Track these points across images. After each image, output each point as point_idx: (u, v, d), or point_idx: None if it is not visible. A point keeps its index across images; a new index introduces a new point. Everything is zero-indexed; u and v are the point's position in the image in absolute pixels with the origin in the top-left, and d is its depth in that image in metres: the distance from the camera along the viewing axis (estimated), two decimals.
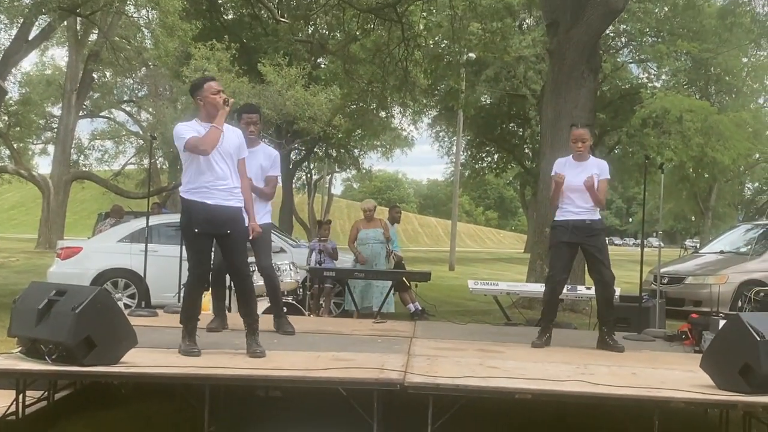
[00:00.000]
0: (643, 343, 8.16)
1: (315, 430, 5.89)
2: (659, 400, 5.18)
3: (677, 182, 39.84)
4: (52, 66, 43.82)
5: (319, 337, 7.42)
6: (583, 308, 13.47)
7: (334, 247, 12.82)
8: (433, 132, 46.71)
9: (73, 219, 47.07)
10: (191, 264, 6.33)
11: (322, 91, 26.62)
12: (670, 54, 32.86)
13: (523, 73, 34.32)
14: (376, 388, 5.23)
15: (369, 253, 12.49)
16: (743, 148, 31.87)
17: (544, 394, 5.33)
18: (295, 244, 14.09)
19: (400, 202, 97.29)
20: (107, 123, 45.68)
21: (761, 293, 9.22)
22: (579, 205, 7.61)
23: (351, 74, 23.67)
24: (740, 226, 20.83)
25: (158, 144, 27.78)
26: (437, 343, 7.31)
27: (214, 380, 5.33)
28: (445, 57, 23.46)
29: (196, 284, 6.41)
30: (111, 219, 15.78)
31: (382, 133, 38.79)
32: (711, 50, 32.38)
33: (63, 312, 5.28)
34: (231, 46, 26.36)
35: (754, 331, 5.08)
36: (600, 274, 7.61)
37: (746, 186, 54.48)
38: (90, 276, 12.45)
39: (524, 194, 59.27)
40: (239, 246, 6.43)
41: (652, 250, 20.89)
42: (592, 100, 14.65)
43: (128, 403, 6.71)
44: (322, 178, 54.25)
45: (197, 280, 6.38)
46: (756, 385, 5.07)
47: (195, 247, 6.32)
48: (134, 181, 44.77)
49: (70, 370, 5.31)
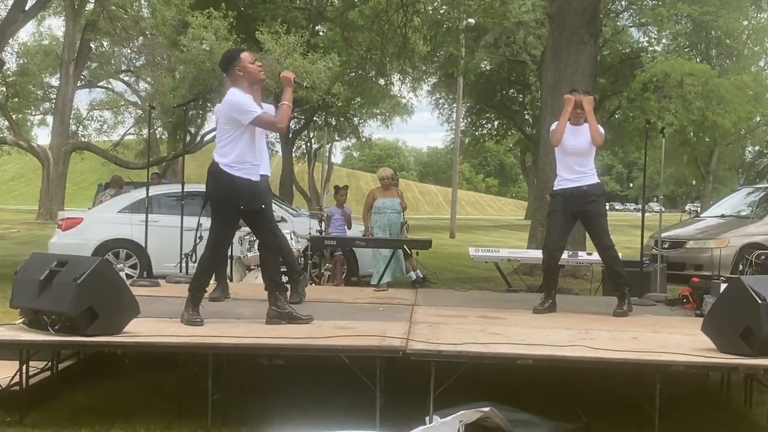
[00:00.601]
0: (645, 307, 8.19)
1: (318, 398, 5.92)
2: (660, 363, 5.20)
3: (678, 146, 39.78)
4: (49, 36, 43.58)
5: (320, 306, 7.44)
6: (584, 274, 13.50)
7: (349, 213, 12.84)
8: (432, 99, 46.49)
9: (73, 190, 47.07)
10: (218, 238, 6.32)
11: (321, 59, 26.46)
12: (671, 17, 32.60)
13: (523, 39, 34.06)
14: (379, 355, 5.25)
15: (386, 222, 12.22)
16: (744, 111, 31.74)
17: (545, 359, 5.34)
18: (295, 213, 14.09)
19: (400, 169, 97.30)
20: (105, 93, 45.57)
21: (762, 256, 9.24)
22: (577, 170, 7.60)
23: (350, 41, 23.58)
24: (741, 190, 20.84)
25: (157, 114, 27.67)
26: (439, 311, 7.34)
27: (217, 349, 5.34)
28: (445, 23, 23.37)
29: (215, 260, 6.51)
30: (111, 189, 15.78)
31: (382, 101, 38.64)
32: (711, 13, 32.15)
33: (65, 282, 5.29)
34: (228, 14, 26.15)
35: (756, 294, 5.08)
36: (599, 241, 7.68)
37: (747, 149, 54.32)
38: (91, 246, 12.46)
39: (524, 161, 59.13)
40: (270, 217, 6.51)
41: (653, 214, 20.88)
42: (592, 64, 14.58)
43: (132, 372, 6.74)
44: (322, 146, 54.08)
45: (217, 256, 6.48)
46: (757, 348, 5.08)
47: (230, 223, 6.35)
48: (134, 151, 44.67)
49: (73, 340, 5.33)
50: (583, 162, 7.63)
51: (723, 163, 51.45)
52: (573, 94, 7.84)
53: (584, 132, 7.63)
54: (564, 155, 7.69)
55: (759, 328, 5.04)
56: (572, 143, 7.62)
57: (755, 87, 35.64)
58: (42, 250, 12.09)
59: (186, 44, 25.48)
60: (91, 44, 37.10)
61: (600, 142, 7.66)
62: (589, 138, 7.57)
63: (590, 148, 7.65)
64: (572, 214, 7.65)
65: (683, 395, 6.42)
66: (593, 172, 7.69)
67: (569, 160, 7.65)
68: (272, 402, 5.93)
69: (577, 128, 7.67)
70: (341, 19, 23.68)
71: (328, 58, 26.42)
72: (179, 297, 7.77)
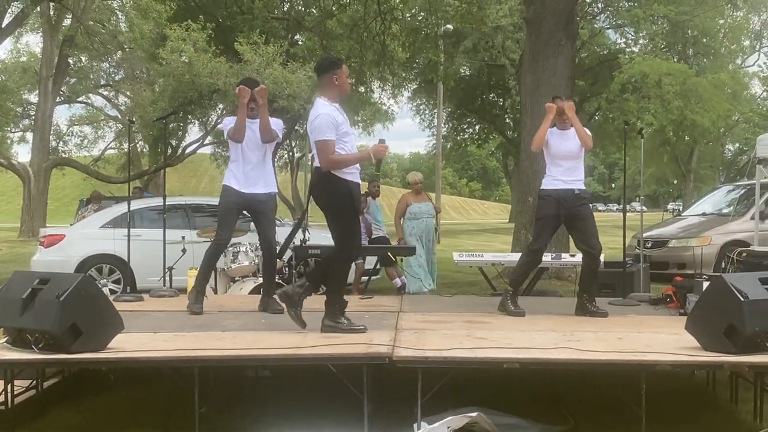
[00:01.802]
0: (629, 307, 8.23)
1: (306, 408, 5.91)
2: (646, 363, 5.22)
3: (658, 146, 40.05)
4: (27, 53, 43.31)
5: (306, 315, 7.41)
6: (569, 275, 13.52)
7: (371, 221, 12.72)
8: (413, 105, 46.52)
9: (54, 206, 46.78)
10: (349, 240, 6.45)
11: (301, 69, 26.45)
12: (647, 18, 32.86)
13: (501, 43, 34.23)
14: (365, 363, 5.24)
15: (423, 227, 12.02)
16: (722, 109, 32.02)
17: (531, 362, 5.36)
18: (280, 224, 14.06)
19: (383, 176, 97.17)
20: (85, 108, 45.32)
21: (744, 253, 9.29)
22: (568, 174, 7.62)
23: (328, 50, 23.61)
24: (722, 188, 20.95)
25: (137, 127, 27.59)
26: (424, 316, 7.34)
27: (203, 362, 5.32)
28: (423, 29, 23.37)
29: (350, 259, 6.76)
30: (93, 205, 15.73)
31: (362, 109, 38.65)
32: (687, 13, 32.41)
33: (47, 300, 5.26)
34: (206, 26, 26.12)
35: (738, 291, 5.11)
36: (588, 245, 7.61)
37: (726, 147, 54.70)
38: (74, 263, 12.39)
39: (507, 164, 59.23)
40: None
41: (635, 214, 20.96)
42: (570, 67, 14.63)
43: (117, 388, 6.71)
44: (305, 155, 54.00)
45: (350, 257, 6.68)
46: (741, 345, 5.11)
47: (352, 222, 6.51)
48: (115, 165, 44.46)
49: (57, 357, 5.30)
50: (575, 166, 7.66)
51: (703, 162, 51.83)
52: (555, 101, 7.86)
53: (572, 136, 7.66)
54: (555, 159, 7.70)
55: (742, 326, 5.06)
56: (563, 147, 7.65)
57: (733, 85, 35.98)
58: (24, 267, 12.04)
59: (165, 57, 25.42)
60: (70, 60, 36.89)
61: (590, 144, 7.71)
62: (578, 142, 7.60)
63: (580, 152, 7.68)
64: (564, 215, 7.62)
65: (669, 394, 6.44)
66: (582, 178, 7.73)
67: (561, 163, 7.66)
68: (260, 413, 5.91)
69: (565, 133, 7.70)
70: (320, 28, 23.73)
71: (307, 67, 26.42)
72: (163, 311, 7.78)
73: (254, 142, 7.56)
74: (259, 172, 7.64)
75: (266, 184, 7.70)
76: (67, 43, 34.58)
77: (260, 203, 7.66)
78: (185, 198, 14.83)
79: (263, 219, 7.73)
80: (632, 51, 36.26)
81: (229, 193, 7.61)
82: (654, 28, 34.12)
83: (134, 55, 32.77)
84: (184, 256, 10.13)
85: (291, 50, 29.57)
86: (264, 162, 7.69)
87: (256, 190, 7.61)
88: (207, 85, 25.26)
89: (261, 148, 7.62)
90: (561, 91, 10.92)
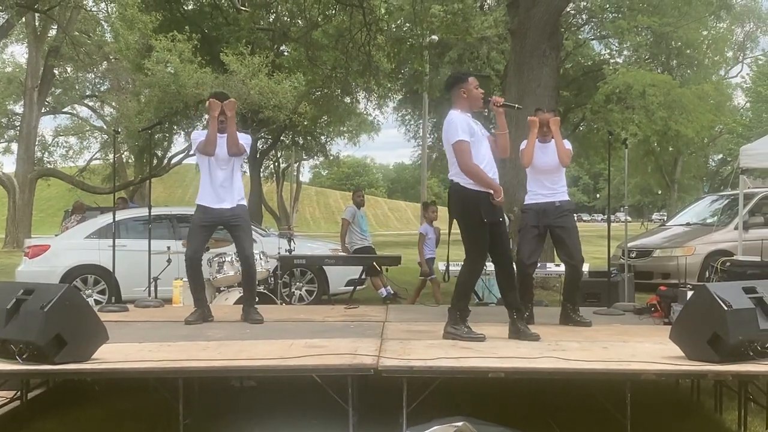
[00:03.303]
0: (613, 317, 8.26)
1: (291, 419, 5.90)
2: (631, 372, 5.24)
3: (642, 156, 40.19)
4: (12, 63, 43.14)
5: (291, 325, 7.43)
6: (554, 285, 13.54)
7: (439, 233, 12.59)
8: (399, 116, 46.52)
9: (39, 217, 46.52)
10: (478, 251, 6.67)
11: (286, 79, 26.49)
12: (631, 29, 32.99)
13: (486, 54, 34.28)
14: (350, 373, 5.24)
15: None
16: (706, 120, 32.20)
17: (516, 371, 5.37)
18: (264, 234, 14.07)
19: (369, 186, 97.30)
20: (70, 119, 45.18)
21: (728, 263, 9.33)
22: (549, 187, 7.66)
23: (314, 61, 23.62)
24: (705, 198, 21.08)
25: (122, 138, 27.54)
26: (410, 326, 7.34)
27: (187, 373, 5.31)
28: (408, 40, 23.46)
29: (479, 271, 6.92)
30: (76, 216, 15.68)
31: (348, 119, 38.69)
32: (671, 24, 32.56)
33: (32, 311, 5.23)
34: (192, 36, 26.15)
35: (722, 301, 5.14)
36: (569, 256, 7.65)
37: (710, 158, 54.99)
38: (59, 273, 12.37)
39: None
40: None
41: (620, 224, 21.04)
42: (555, 78, 14.69)
43: (102, 399, 6.68)
44: (290, 166, 54.02)
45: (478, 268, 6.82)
46: (725, 354, 5.14)
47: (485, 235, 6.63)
48: (100, 176, 44.31)
49: (42, 368, 5.27)
50: (555, 179, 7.70)
51: (687, 172, 52.07)
52: (537, 113, 7.91)
53: (553, 149, 7.70)
54: (535, 173, 7.75)
55: (726, 335, 5.09)
56: (543, 161, 7.70)
57: (716, 96, 36.17)
58: (9, 278, 11.99)
59: (150, 68, 25.41)
60: (55, 70, 36.78)
61: (567, 162, 7.75)
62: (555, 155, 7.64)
63: (560, 165, 7.72)
64: (545, 228, 7.66)
65: (654, 403, 6.47)
66: (565, 189, 7.77)
67: (541, 177, 7.71)
68: (245, 424, 5.90)
69: (546, 145, 7.74)
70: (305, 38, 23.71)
71: (293, 77, 26.48)
72: (148, 321, 7.76)
73: (222, 158, 7.66)
74: (228, 188, 7.74)
75: (235, 198, 7.79)
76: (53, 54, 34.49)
77: (233, 217, 7.76)
78: (170, 208, 14.80)
79: (239, 231, 7.82)
80: (616, 62, 36.41)
81: (201, 212, 7.75)
82: (638, 40, 34.26)
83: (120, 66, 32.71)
84: (169, 266, 10.12)
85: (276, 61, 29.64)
86: (232, 176, 7.79)
87: (225, 206, 7.71)
88: (192, 95, 25.28)
89: (228, 163, 7.72)
90: (546, 102, 10.99)
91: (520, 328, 6.70)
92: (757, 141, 13.36)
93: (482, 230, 6.58)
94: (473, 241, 6.65)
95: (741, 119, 48.37)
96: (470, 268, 6.71)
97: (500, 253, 6.80)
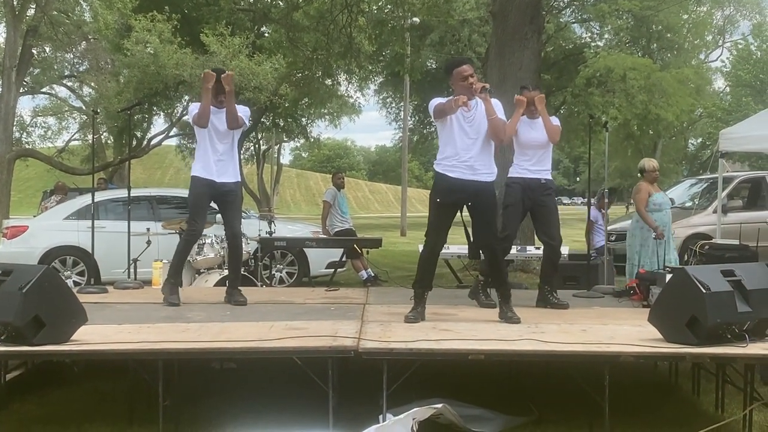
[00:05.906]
0: (593, 299, 8.30)
1: (271, 401, 5.91)
2: (609, 355, 5.27)
3: (622, 140, 40.28)
4: None
5: (272, 307, 7.41)
6: (533, 268, 13.61)
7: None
8: (380, 98, 46.46)
9: (18, 198, 46.27)
10: (434, 230, 6.83)
11: (267, 61, 26.30)
12: (612, 13, 33.06)
13: (468, 36, 34.27)
14: (331, 355, 5.25)
15: (667, 219, 10.11)
16: (686, 104, 32.33)
17: (496, 353, 5.40)
18: (245, 215, 14.02)
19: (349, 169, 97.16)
20: (49, 99, 44.73)
21: (706, 246, 9.39)
22: (535, 163, 7.63)
23: (295, 43, 23.49)
24: (684, 181, 21.18)
25: (102, 119, 27.31)
26: (390, 309, 7.34)
27: (167, 354, 5.30)
28: (389, 22, 23.34)
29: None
30: (56, 196, 15.57)
31: (329, 101, 38.49)
32: (652, 8, 32.63)
33: (10, 292, 5.20)
34: (172, 17, 25.88)
35: (700, 284, 5.17)
36: (550, 237, 7.62)
37: (690, 141, 55.26)
38: (37, 255, 12.30)
39: None
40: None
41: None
42: (536, 61, 14.70)
43: (81, 380, 6.67)
44: (271, 148, 53.81)
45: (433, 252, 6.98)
46: (703, 337, 5.17)
47: (439, 215, 6.81)
48: (79, 157, 43.94)
49: (20, 350, 5.24)
50: (542, 156, 7.66)
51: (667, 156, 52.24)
52: (523, 92, 7.85)
53: (541, 125, 7.67)
54: (523, 148, 7.69)
55: (704, 317, 5.12)
56: (531, 136, 7.63)
57: (696, 80, 36.33)
58: None
59: (130, 48, 25.18)
60: (33, 50, 36.31)
61: (557, 139, 7.73)
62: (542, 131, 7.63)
63: (548, 141, 7.69)
64: (529, 203, 7.61)
65: (633, 385, 6.53)
66: (549, 168, 7.75)
67: (529, 153, 7.66)
68: (225, 406, 5.91)
69: (535, 121, 7.69)
70: (286, 20, 23.54)
71: (274, 59, 26.30)
72: (127, 303, 7.73)
73: (222, 132, 7.52)
74: (227, 162, 7.61)
75: (234, 174, 7.68)
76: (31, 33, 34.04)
77: (229, 193, 7.64)
78: (150, 189, 14.72)
79: (230, 208, 7.71)
80: (597, 45, 36.47)
81: (200, 183, 7.56)
82: (619, 23, 34.32)
83: (99, 46, 32.39)
84: (149, 247, 10.08)
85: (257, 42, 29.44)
86: (232, 151, 7.67)
87: (225, 179, 7.58)
88: (172, 76, 25.07)
89: (228, 137, 7.58)
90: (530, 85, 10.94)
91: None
92: (737, 125, 13.43)
93: (436, 210, 6.76)
94: (429, 220, 6.90)
95: (720, 103, 48.64)
96: (425, 247, 6.94)
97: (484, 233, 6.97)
